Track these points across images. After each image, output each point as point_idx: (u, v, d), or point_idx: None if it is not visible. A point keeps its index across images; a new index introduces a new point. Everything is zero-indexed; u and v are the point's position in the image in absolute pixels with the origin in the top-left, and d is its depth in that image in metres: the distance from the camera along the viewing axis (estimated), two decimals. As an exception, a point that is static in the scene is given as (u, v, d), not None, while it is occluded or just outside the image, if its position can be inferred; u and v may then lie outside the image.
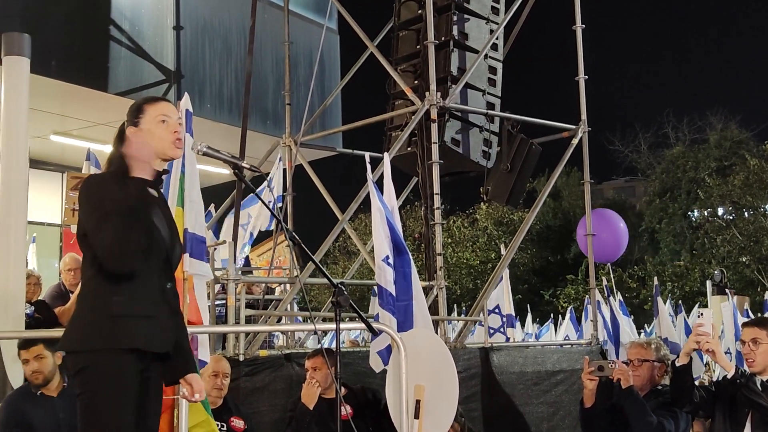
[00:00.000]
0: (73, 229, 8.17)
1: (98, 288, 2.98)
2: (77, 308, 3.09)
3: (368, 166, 5.73)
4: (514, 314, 9.54)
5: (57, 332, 6.77)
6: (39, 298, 7.43)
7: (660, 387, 4.80)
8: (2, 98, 6.14)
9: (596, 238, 9.17)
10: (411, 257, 5.54)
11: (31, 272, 7.27)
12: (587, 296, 13.01)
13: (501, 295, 9.10)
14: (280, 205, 8.53)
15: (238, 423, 5.16)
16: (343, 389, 5.46)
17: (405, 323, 5.23)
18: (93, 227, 2.94)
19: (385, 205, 5.51)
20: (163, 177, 3.29)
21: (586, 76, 8.93)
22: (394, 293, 5.28)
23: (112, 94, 9.62)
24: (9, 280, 5.98)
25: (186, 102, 4.89)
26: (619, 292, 12.55)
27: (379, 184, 5.79)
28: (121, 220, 2.92)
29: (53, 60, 8.90)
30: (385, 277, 5.30)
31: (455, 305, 23.73)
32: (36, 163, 8.21)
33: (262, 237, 9.05)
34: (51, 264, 10.24)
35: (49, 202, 11.18)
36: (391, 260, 5.32)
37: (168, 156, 3.22)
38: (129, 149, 3.15)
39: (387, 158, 5.97)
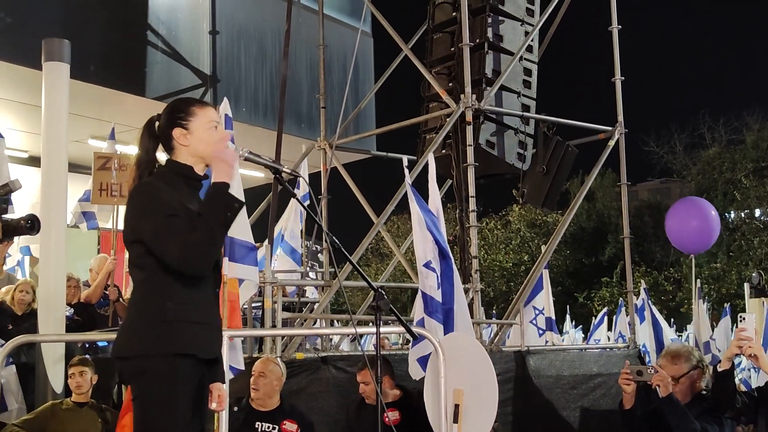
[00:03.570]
0: (98, 208, 8.27)
1: (151, 293, 2.93)
2: (129, 314, 3.03)
3: (406, 171, 5.67)
4: (553, 317, 9.44)
5: (96, 335, 6.89)
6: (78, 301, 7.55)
7: (704, 392, 4.73)
8: (43, 103, 6.23)
9: (686, 228, 8.84)
10: (453, 261, 5.46)
11: (71, 275, 7.37)
12: (621, 298, 12.93)
13: (541, 296, 9.02)
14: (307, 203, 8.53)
15: (290, 426, 5.16)
16: (397, 392, 5.43)
17: (446, 327, 5.19)
18: (154, 234, 2.87)
19: (425, 208, 5.43)
20: (203, 182, 3.20)
21: (623, 77, 8.84)
22: (439, 298, 5.20)
23: (150, 98, 9.73)
24: (50, 283, 6.06)
25: (225, 107, 4.92)
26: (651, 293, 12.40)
27: (417, 185, 5.73)
28: (183, 224, 2.87)
29: (92, 65, 9.03)
30: (428, 282, 5.23)
31: (488, 308, 23.62)
32: (74, 167, 8.30)
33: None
34: (89, 267, 10.38)
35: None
36: (433, 264, 5.24)
37: None
38: (175, 152, 3.08)
39: (432, 159, 5.86)
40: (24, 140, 10.70)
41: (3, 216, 3.23)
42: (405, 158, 5.82)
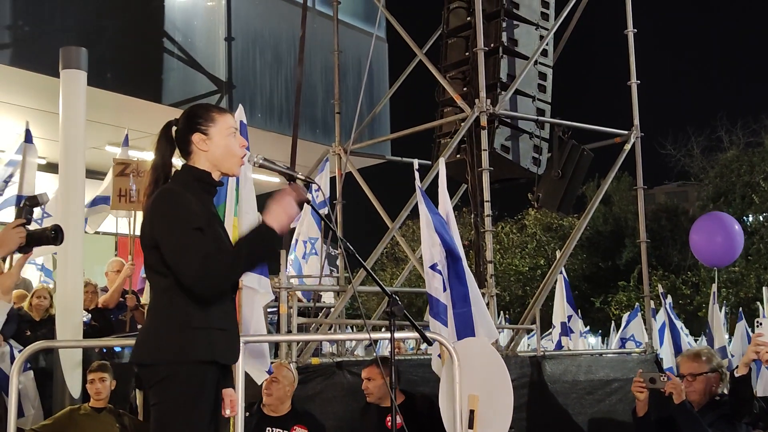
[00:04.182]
0: (119, 214, 8.32)
1: (173, 300, 2.90)
2: (150, 320, 3.00)
3: (416, 174, 5.68)
4: (568, 323, 9.39)
5: (114, 341, 6.93)
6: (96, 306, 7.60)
7: (718, 398, 4.71)
8: (60, 110, 6.29)
9: (710, 241, 9.11)
10: (465, 264, 5.45)
11: (88, 281, 7.43)
12: (637, 303, 12.86)
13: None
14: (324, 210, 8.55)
15: (300, 431, 5.17)
16: (401, 397, 5.43)
17: (464, 331, 5.17)
18: (174, 247, 2.85)
19: (434, 212, 5.44)
20: (218, 188, 3.20)
21: (639, 81, 8.80)
22: (444, 301, 5.21)
23: (166, 105, 9.80)
24: (67, 288, 6.11)
25: (240, 114, 4.94)
26: (669, 296, 12.32)
27: (431, 190, 5.74)
28: (207, 242, 2.85)
29: (108, 72, 9.10)
30: (433, 284, 5.24)
31: (503, 312, 23.56)
32: (91, 173, 8.38)
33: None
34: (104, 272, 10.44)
35: (104, 211, 11.40)
36: (440, 267, 5.25)
37: (232, 172, 3.15)
38: (193, 157, 3.07)
39: (442, 164, 5.88)
40: (42, 147, 10.78)
41: (27, 226, 3.27)
42: (416, 162, 5.83)
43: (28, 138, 8.12)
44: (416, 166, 5.76)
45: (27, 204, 3.32)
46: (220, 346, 2.96)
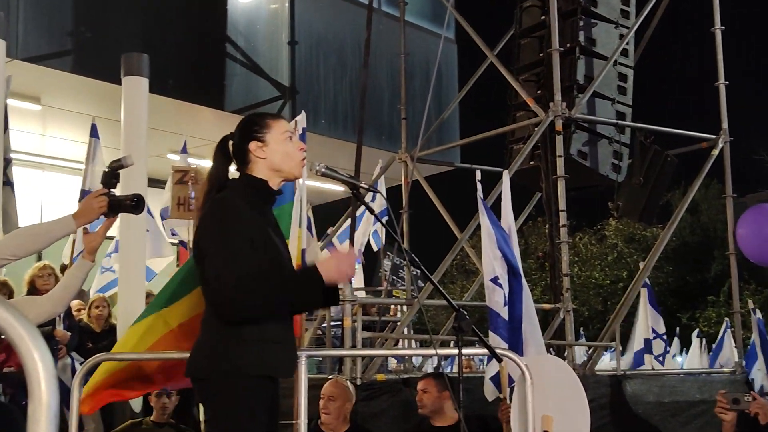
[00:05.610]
0: (175, 223, 8.23)
1: None
2: (203, 333, 2.98)
3: (478, 185, 5.56)
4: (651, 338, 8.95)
5: (175, 354, 6.83)
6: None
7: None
8: (122, 118, 6.29)
9: (760, 235, 8.43)
10: (524, 279, 5.38)
11: (150, 292, 7.36)
12: (726, 320, 12.26)
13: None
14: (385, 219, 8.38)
15: None
16: (455, 415, 5.16)
17: (515, 349, 5.03)
18: (214, 262, 2.82)
19: (496, 225, 5.37)
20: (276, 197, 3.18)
21: (727, 82, 8.53)
22: (504, 316, 5.14)
23: (228, 112, 9.77)
24: (129, 300, 6.13)
25: (302, 120, 4.86)
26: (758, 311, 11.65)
27: (500, 201, 5.59)
28: (247, 265, 2.79)
29: (170, 79, 9.12)
30: (494, 297, 5.18)
31: (582, 328, 22.91)
32: (153, 182, 8.34)
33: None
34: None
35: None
36: (501, 281, 5.20)
37: (293, 175, 3.12)
38: (251, 165, 3.04)
39: (506, 176, 5.80)
40: (104, 154, 10.89)
41: (112, 191, 3.32)
42: (478, 172, 5.73)
43: (95, 133, 8.14)
44: (478, 177, 5.66)
45: (111, 168, 3.35)
46: (274, 360, 2.92)
